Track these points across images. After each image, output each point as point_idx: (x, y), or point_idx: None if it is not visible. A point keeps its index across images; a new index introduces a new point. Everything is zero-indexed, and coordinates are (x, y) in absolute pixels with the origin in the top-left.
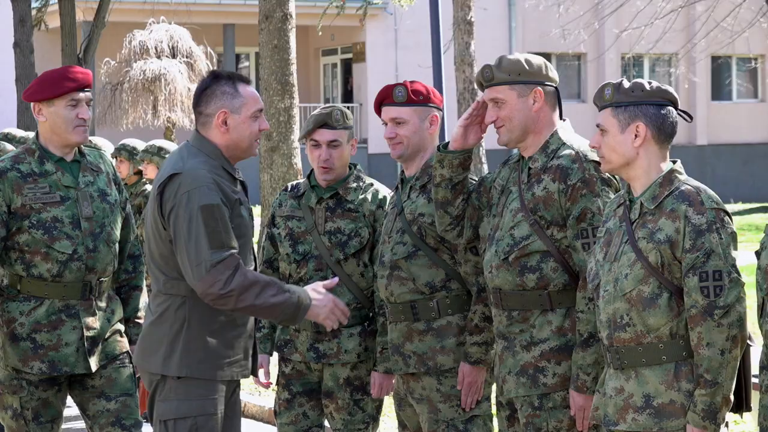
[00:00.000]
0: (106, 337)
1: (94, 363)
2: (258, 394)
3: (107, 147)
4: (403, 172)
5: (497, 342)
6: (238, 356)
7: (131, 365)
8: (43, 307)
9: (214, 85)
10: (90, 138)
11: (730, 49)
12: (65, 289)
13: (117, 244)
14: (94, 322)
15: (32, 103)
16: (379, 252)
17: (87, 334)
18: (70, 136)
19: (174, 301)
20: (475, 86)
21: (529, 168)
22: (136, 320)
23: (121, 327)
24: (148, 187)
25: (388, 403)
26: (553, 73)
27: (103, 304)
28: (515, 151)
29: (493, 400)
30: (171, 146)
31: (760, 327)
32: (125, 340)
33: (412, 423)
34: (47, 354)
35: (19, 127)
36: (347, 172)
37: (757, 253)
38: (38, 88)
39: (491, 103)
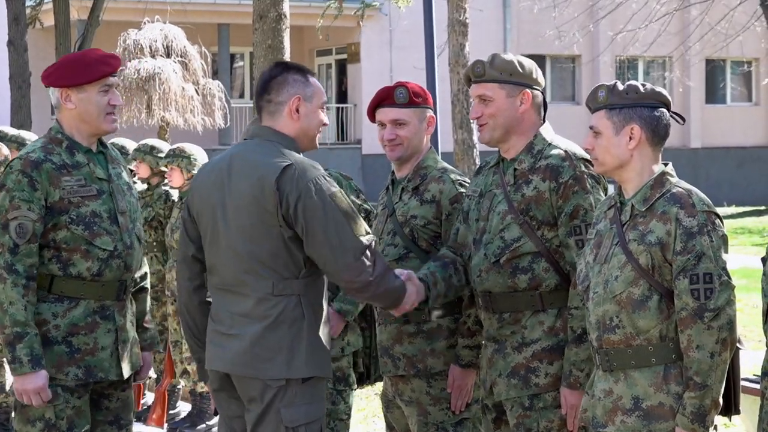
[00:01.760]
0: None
1: (126, 369)
2: None
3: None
4: (393, 173)
5: (486, 345)
6: (330, 353)
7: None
8: (79, 308)
9: (285, 73)
10: None
11: (724, 52)
12: (102, 289)
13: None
14: (125, 324)
15: (57, 89)
16: None
17: (119, 337)
18: (102, 124)
19: (289, 302)
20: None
21: (515, 169)
22: (145, 325)
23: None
24: (138, 186)
25: (377, 405)
26: (542, 78)
27: (130, 306)
28: (491, 157)
29: None
30: (163, 145)
31: (765, 333)
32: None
33: (400, 425)
34: (84, 359)
35: (12, 125)
36: None
37: (764, 260)
38: (68, 73)
39: (477, 100)
